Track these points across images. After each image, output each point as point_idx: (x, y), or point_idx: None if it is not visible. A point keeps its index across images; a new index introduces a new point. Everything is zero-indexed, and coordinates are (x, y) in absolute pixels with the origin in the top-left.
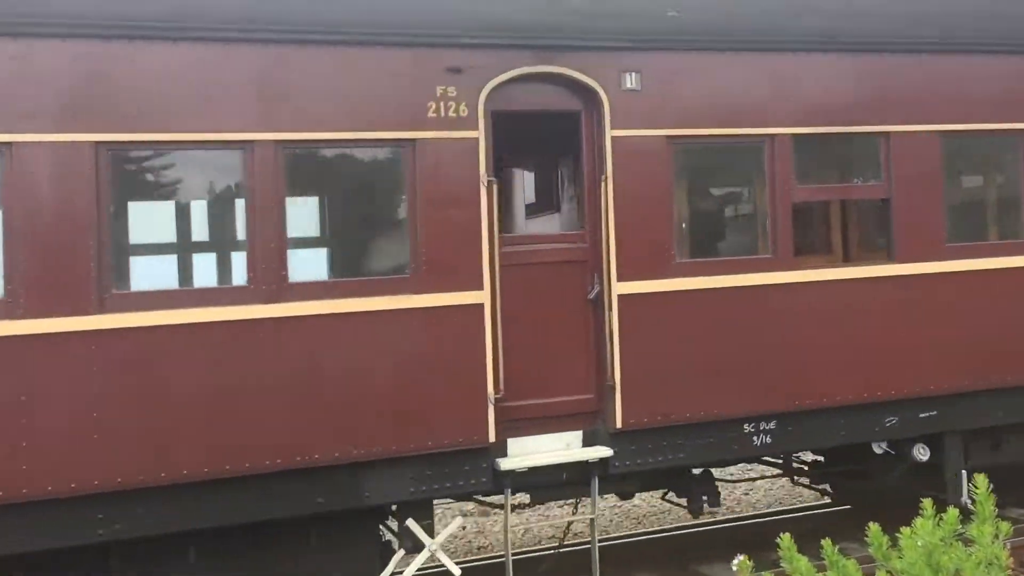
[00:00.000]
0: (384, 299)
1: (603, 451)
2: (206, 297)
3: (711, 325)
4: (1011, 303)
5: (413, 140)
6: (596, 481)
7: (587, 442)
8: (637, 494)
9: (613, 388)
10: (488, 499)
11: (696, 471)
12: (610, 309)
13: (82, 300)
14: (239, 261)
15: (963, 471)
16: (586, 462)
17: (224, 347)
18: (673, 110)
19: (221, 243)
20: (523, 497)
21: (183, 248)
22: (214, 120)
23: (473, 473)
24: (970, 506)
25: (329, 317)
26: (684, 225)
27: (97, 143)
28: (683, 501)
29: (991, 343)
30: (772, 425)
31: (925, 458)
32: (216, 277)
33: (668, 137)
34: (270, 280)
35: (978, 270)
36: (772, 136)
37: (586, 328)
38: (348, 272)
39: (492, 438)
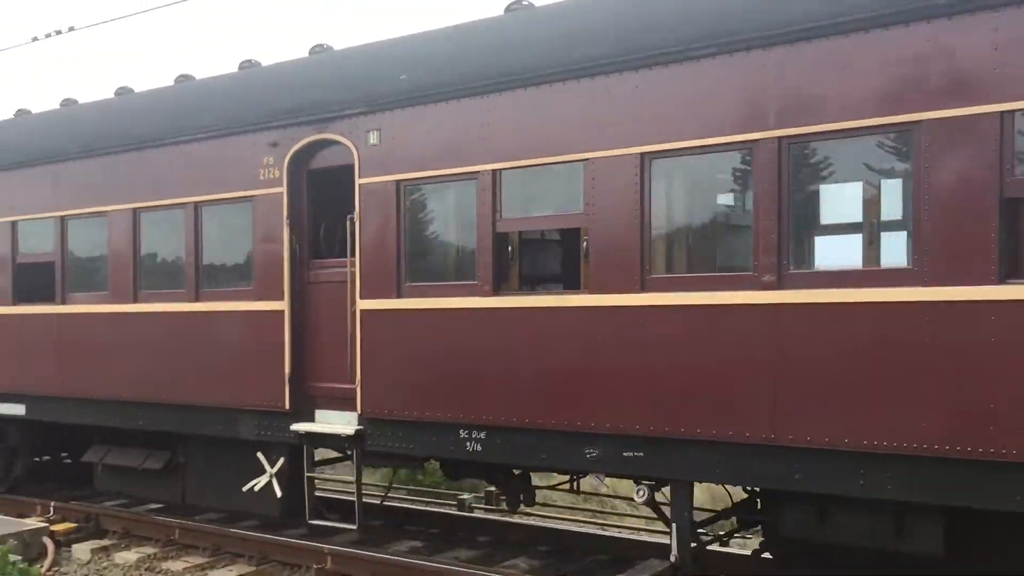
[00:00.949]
0: (233, 303)
1: (347, 428)
2: None
3: (427, 340)
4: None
5: (252, 196)
6: (356, 452)
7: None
8: None
9: (355, 383)
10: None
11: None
12: (354, 321)
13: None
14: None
15: (674, 524)
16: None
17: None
18: (402, 158)
19: None
20: None
21: None
22: None
23: (283, 429)
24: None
25: (195, 314)
26: (410, 254)
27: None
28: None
29: (702, 385)
30: (482, 435)
31: (641, 500)
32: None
33: (397, 181)
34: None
35: (685, 304)
36: (477, 172)
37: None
38: (215, 284)
39: (287, 406)
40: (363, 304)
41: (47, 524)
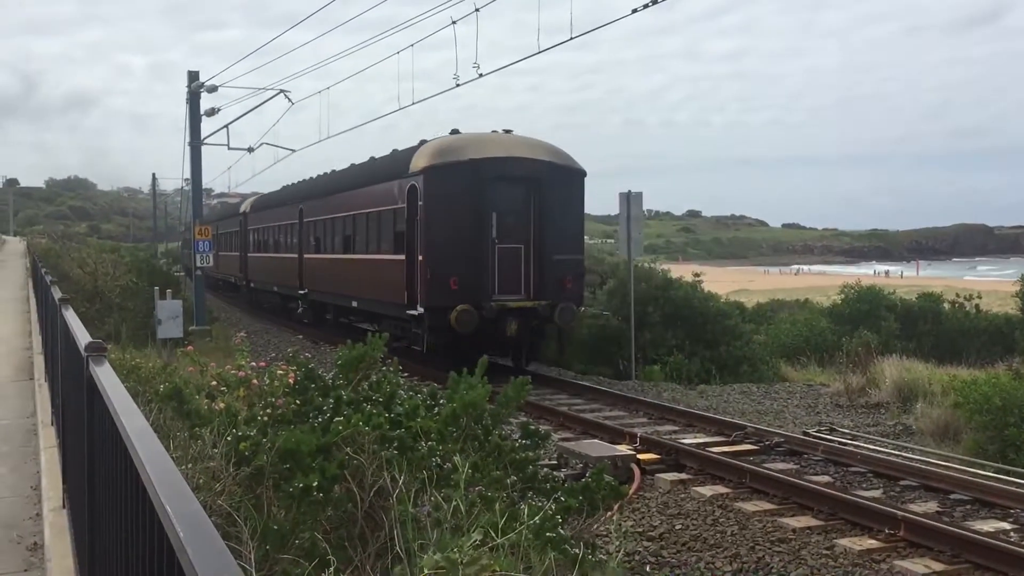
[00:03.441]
0: (290, 255)
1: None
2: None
3: (328, 268)
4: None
5: (293, 224)
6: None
7: None
8: None
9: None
10: None
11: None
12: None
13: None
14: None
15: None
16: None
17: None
18: (310, 211)
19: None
20: None
21: None
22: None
23: (297, 293)
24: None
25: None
26: (317, 242)
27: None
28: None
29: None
30: (315, 295)
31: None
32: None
33: (305, 222)
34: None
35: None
36: (328, 218)
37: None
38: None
39: (299, 284)
40: (305, 256)
41: (634, 452)
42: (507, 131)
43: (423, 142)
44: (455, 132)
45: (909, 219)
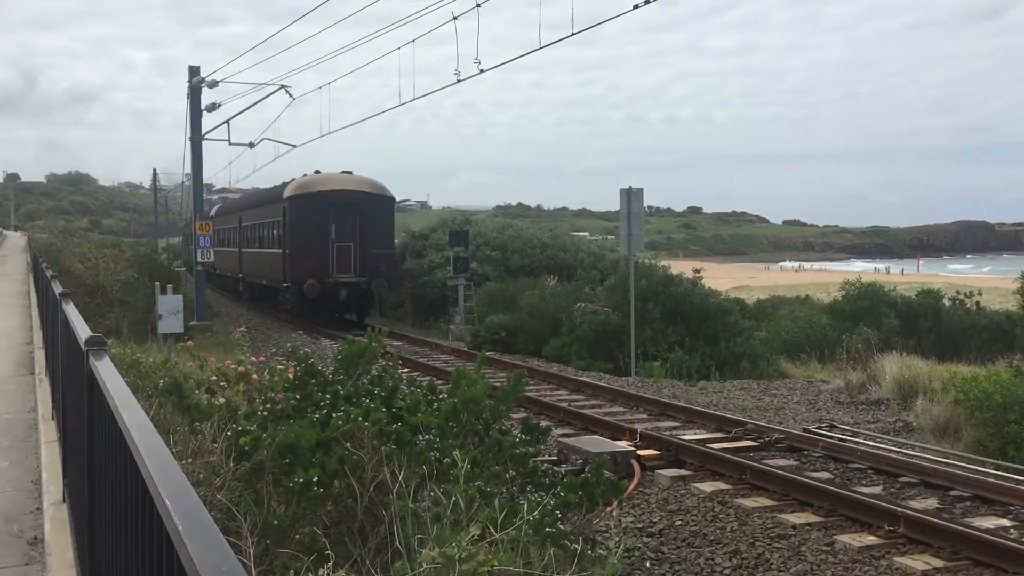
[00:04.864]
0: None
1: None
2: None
3: (252, 259)
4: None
5: (237, 227)
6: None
7: None
8: None
9: (242, 267)
10: None
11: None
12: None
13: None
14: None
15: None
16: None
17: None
18: (245, 219)
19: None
20: None
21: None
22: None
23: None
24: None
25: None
26: (247, 240)
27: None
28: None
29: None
30: (246, 276)
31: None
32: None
33: (246, 225)
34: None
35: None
36: (262, 222)
37: None
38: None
39: (239, 272)
40: (242, 250)
41: (634, 448)
42: (347, 172)
43: (307, 174)
44: (317, 172)
45: (911, 216)
